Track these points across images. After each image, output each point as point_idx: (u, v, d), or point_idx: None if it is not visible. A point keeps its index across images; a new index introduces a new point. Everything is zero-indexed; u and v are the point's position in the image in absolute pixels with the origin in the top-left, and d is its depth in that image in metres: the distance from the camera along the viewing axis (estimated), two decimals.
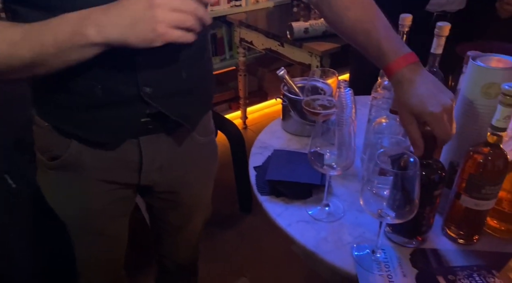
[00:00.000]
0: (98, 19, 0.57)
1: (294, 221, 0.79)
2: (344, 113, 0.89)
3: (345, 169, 0.74)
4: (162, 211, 0.99)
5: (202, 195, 1.02)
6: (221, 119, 1.92)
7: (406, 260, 0.69)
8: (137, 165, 0.81)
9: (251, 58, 2.61)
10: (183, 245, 1.09)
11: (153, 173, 0.84)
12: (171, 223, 1.02)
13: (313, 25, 1.85)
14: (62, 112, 0.72)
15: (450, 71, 0.99)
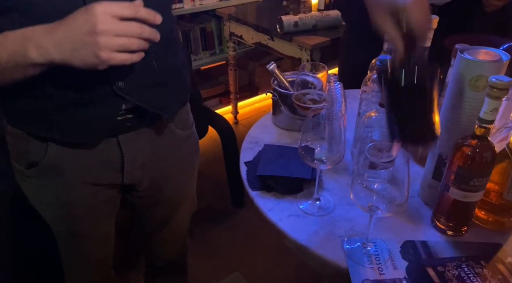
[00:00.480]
0: (41, 41, 0.57)
1: (285, 216, 0.79)
2: (334, 107, 0.89)
3: (335, 163, 0.75)
4: (147, 209, 0.98)
5: (187, 189, 1.01)
6: (212, 114, 1.91)
7: (396, 252, 0.69)
8: (118, 164, 0.80)
9: (241, 52, 2.60)
10: (170, 241, 1.09)
11: (136, 171, 0.83)
12: (156, 219, 1.01)
13: (303, 19, 1.84)
14: (34, 117, 0.70)
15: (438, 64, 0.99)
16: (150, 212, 0.99)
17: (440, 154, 0.74)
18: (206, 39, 2.44)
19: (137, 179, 0.85)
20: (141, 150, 0.81)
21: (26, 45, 0.57)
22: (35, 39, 0.57)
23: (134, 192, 0.90)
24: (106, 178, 0.82)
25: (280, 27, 1.87)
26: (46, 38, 0.57)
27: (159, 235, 1.05)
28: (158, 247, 1.09)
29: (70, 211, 0.83)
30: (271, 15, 2.19)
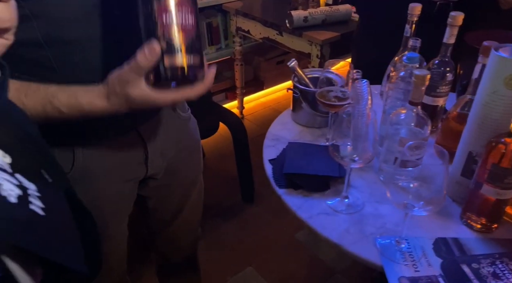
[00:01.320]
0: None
1: (315, 213, 0.79)
2: (361, 104, 0.89)
3: (366, 162, 0.75)
4: (161, 200, 0.97)
5: (197, 171, 1.01)
6: (222, 110, 1.90)
7: (429, 249, 0.70)
8: (142, 156, 0.81)
9: (247, 47, 2.58)
10: (183, 234, 1.08)
11: (158, 160, 0.84)
12: (169, 211, 1.01)
13: (313, 14, 1.84)
14: (59, 128, 0.69)
15: (456, 59, 0.99)
16: (164, 202, 0.99)
17: (470, 151, 0.75)
18: (212, 34, 2.42)
19: (158, 168, 0.86)
20: (159, 137, 0.82)
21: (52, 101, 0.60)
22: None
23: (151, 182, 0.90)
24: (132, 172, 0.82)
25: (290, 22, 1.86)
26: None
27: (172, 229, 1.05)
28: (171, 242, 1.09)
29: (100, 212, 0.82)
30: (278, 10, 2.18)
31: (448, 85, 0.95)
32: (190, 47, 0.55)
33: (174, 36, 0.54)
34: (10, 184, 0.35)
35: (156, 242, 1.10)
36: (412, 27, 1.00)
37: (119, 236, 0.92)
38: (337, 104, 0.89)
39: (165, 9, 0.53)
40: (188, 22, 0.54)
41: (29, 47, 0.61)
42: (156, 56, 0.54)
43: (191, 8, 0.55)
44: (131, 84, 0.57)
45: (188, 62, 0.55)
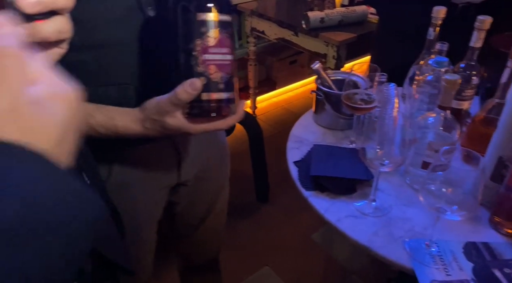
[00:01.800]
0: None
1: (343, 216, 0.80)
2: (388, 108, 0.89)
3: (396, 166, 0.75)
4: (189, 205, 0.99)
5: (224, 176, 1.02)
6: None
7: (459, 253, 0.70)
8: (175, 163, 0.82)
9: (260, 47, 2.59)
10: (209, 238, 1.10)
11: (189, 167, 0.85)
12: (197, 216, 1.02)
13: (329, 15, 1.84)
14: (100, 143, 0.71)
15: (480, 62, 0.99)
16: (192, 208, 1.00)
17: (501, 156, 0.75)
18: None
19: (189, 175, 0.87)
20: (192, 145, 0.83)
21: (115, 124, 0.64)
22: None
23: (181, 188, 0.91)
24: (165, 180, 0.84)
25: (306, 23, 1.86)
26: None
27: (198, 233, 1.06)
28: (196, 246, 1.10)
29: (134, 219, 0.84)
30: (293, 11, 2.18)
31: (473, 89, 0.95)
32: (226, 84, 0.58)
33: (214, 74, 0.57)
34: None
35: (181, 245, 1.11)
36: (436, 30, 1.00)
37: (150, 241, 0.93)
38: (364, 107, 0.89)
39: (207, 48, 0.57)
40: (226, 61, 0.58)
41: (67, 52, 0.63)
42: (197, 92, 0.57)
43: (230, 46, 0.58)
44: (169, 114, 0.60)
45: (223, 97, 0.58)
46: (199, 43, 0.56)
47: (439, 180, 0.67)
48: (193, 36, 0.56)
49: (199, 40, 0.56)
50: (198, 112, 0.59)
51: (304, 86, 2.93)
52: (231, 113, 0.61)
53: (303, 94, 2.87)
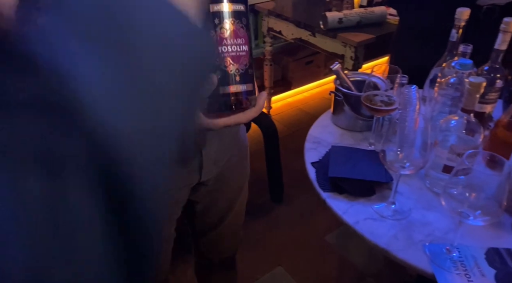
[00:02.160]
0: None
1: (361, 219, 0.80)
2: (409, 110, 0.88)
3: (418, 169, 0.75)
4: (209, 204, 0.99)
5: (244, 176, 1.02)
6: None
7: (481, 259, 0.69)
8: (197, 163, 0.83)
9: (277, 47, 2.59)
10: (227, 237, 1.10)
11: (211, 167, 0.86)
12: (217, 215, 1.02)
13: (347, 16, 1.83)
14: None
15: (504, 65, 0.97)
16: (212, 207, 1.00)
17: None
18: None
19: (210, 175, 0.87)
20: (214, 145, 0.84)
21: None
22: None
23: (202, 187, 0.92)
24: (187, 179, 0.84)
25: (324, 23, 1.85)
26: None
27: (217, 232, 1.06)
28: (214, 244, 1.11)
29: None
30: (310, 11, 2.17)
31: (497, 92, 0.93)
32: (243, 76, 0.57)
33: (229, 66, 0.56)
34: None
35: (199, 243, 1.12)
36: (459, 32, 0.99)
37: (168, 237, 0.94)
38: (384, 109, 0.89)
39: (221, 39, 0.55)
40: (242, 52, 0.56)
41: None
42: (213, 87, 0.55)
43: (245, 37, 0.57)
44: None
45: (241, 90, 0.57)
46: (213, 36, 0.55)
47: (461, 184, 0.66)
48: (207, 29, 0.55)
49: (213, 33, 0.55)
50: (217, 107, 0.57)
51: (320, 87, 2.92)
52: (251, 105, 0.59)
53: (318, 95, 2.86)
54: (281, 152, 1.87)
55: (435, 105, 0.90)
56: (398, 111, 0.87)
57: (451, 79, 0.86)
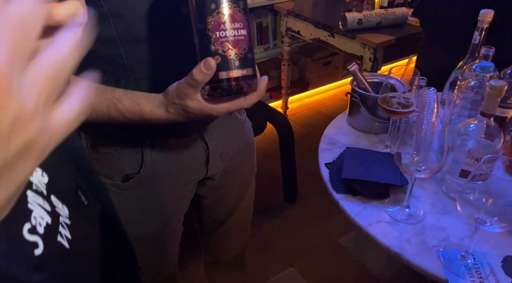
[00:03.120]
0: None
1: (374, 221, 0.79)
2: (426, 113, 0.87)
3: (433, 173, 0.73)
4: (216, 200, 1.00)
5: (251, 172, 1.03)
6: (269, 110, 1.92)
7: (497, 267, 0.67)
8: (204, 157, 0.83)
9: (295, 47, 2.58)
10: (234, 234, 1.10)
11: (217, 162, 0.86)
12: (223, 211, 1.03)
13: (367, 16, 1.80)
14: (130, 129, 0.72)
15: None
16: (219, 202, 1.01)
17: None
18: (262, 34, 2.44)
19: (217, 169, 0.88)
20: (220, 139, 0.84)
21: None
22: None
23: (209, 182, 0.92)
24: (193, 173, 0.85)
25: (343, 24, 1.84)
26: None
27: (224, 228, 1.07)
28: (222, 241, 1.11)
29: (163, 211, 0.86)
30: (329, 12, 2.16)
31: None
32: (243, 60, 0.57)
33: (228, 51, 0.56)
34: (43, 211, 0.32)
35: (207, 240, 1.12)
36: (482, 35, 0.97)
37: (176, 233, 0.95)
38: (401, 111, 0.87)
39: (219, 24, 0.55)
40: (241, 36, 0.56)
41: (104, 45, 0.65)
42: (211, 71, 0.55)
43: (243, 21, 0.56)
44: (188, 97, 0.59)
45: (241, 74, 0.57)
46: (210, 21, 0.55)
47: (479, 190, 0.65)
48: (204, 14, 0.55)
49: (210, 18, 0.55)
50: (218, 92, 0.57)
51: (338, 88, 2.89)
52: (252, 90, 0.59)
53: (336, 96, 2.83)
54: (296, 153, 1.87)
55: (454, 108, 0.88)
56: (415, 113, 0.86)
57: (471, 82, 0.84)
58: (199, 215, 1.05)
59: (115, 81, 0.68)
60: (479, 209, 0.63)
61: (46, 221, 0.32)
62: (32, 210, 0.30)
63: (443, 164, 0.71)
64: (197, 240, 1.15)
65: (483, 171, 0.61)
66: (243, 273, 1.26)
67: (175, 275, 1.08)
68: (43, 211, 0.32)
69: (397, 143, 0.75)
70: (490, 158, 0.63)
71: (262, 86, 0.61)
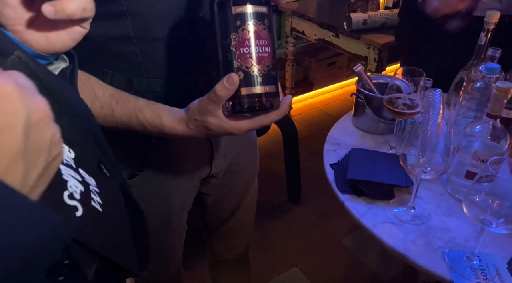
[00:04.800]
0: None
1: (380, 222, 0.79)
2: (432, 114, 0.87)
3: (439, 174, 0.73)
4: (219, 198, 1.00)
5: (253, 171, 1.03)
6: None
7: (503, 269, 0.67)
8: (208, 155, 0.84)
9: (299, 47, 2.58)
10: (238, 232, 1.11)
11: (221, 160, 0.87)
12: (226, 209, 1.03)
13: (372, 17, 1.80)
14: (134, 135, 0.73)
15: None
16: (222, 200, 1.01)
17: None
18: None
19: (220, 167, 0.88)
20: (224, 138, 0.84)
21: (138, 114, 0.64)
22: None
23: (212, 180, 0.93)
24: (197, 171, 0.86)
25: (348, 24, 1.84)
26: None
27: (228, 227, 1.08)
28: (225, 239, 1.12)
29: (168, 208, 0.86)
30: (334, 12, 2.16)
31: None
32: (266, 77, 0.56)
33: (252, 67, 0.55)
34: (75, 180, 0.36)
35: (211, 239, 1.13)
36: (488, 36, 0.96)
37: (180, 230, 0.96)
38: (406, 112, 0.87)
39: (243, 41, 0.55)
40: (265, 53, 0.56)
41: (121, 42, 0.65)
42: (234, 87, 0.55)
43: (268, 38, 0.56)
44: (210, 113, 0.58)
45: (264, 91, 0.56)
46: (235, 37, 0.55)
47: (484, 191, 0.65)
48: (229, 30, 0.55)
49: (235, 34, 0.55)
50: (239, 109, 0.57)
51: (342, 88, 2.89)
52: (274, 107, 0.58)
53: (340, 97, 2.83)
54: (300, 153, 1.87)
55: (459, 109, 0.88)
56: (421, 114, 0.86)
57: (477, 84, 0.84)
58: (203, 213, 1.06)
59: (128, 79, 0.68)
60: (485, 210, 0.63)
61: (80, 189, 0.36)
62: (67, 180, 0.35)
63: (448, 165, 0.72)
64: (201, 240, 1.16)
65: (489, 172, 0.61)
66: (247, 272, 1.27)
67: (179, 273, 1.09)
68: (76, 181, 0.36)
69: (403, 144, 0.75)
70: (496, 159, 0.63)
71: (286, 105, 0.60)
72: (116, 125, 0.65)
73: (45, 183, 0.28)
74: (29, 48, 0.39)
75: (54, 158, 0.28)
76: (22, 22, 0.38)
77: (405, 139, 0.76)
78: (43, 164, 0.27)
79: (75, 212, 0.33)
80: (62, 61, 0.44)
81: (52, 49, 0.41)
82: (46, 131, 0.27)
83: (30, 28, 0.39)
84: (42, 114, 0.26)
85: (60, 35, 0.40)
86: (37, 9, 0.38)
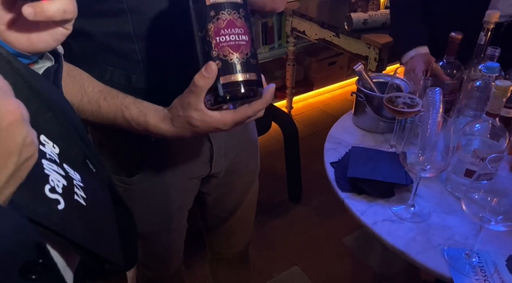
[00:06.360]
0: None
1: (380, 220, 0.79)
2: (432, 113, 0.87)
3: (438, 172, 0.74)
4: (219, 197, 1.00)
5: (254, 170, 1.03)
6: (274, 109, 1.93)
7: (502, 266, 0.68)
8: (208, 155, 0.84)
9: (300, 47, 2.59)
10: (238, 231, 1.11)
11: (221, 160, 0.87)
12: (227, 208, 1.04)
13: (373, 17, 1.81)
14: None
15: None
16: (222, 200, 1.02)
17: None
18: (267, 33, 2.45)
19: (220, 167, 0.89)
20: (224, 138, 0.85)
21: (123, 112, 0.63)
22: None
23: (213, 180, 0.93)
24: (197, 170, 0.86)
25: (349, 24, 1.84)
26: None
27: (228, 226, 1.08)
28: (225, 238, 1.12)
29: (167, 207, 0.87)
30: (335, 12, 2.16)
31: None
32: (245, 65, 0.55)
33: (229, 55, 0.55)
34: (58, 175, 0.36)
35: (211, 237, 1.13)
36: (487, 35, 0.97)
37: (180, 229, 0.96)
38: (406, 111, 0.88)
39: (219, 30, 0.55)
40: (242, 41, 0.55)
41: (120, 40, 0.66)
42: (213, 76, 0.54)
43: (245, 27, 0.56)
44: (192, 106, 0.57)
45: (244, 79, 0.55)
46: (211, 27, 0.54)
47: (484, 189, 0.66)
48: (205, 22, 0.55)
49: (210, 25, 0.54)
50: (221, 99, 0.55)
51: (342, 88, 2.90)
52: (258, 96, 0.57)
53: (340, 96, 2.84)
54: (301, 152, 1.87)
55: (459, 108, 0.88)
56: (421, 113, 0.86)
57: (476, 82, 0.84)
58: (203, 212, 1.06)
59: (126, 76, 0.69)
60: (484, 208, 0.63)
61: (62, 183, 0.36)
62: (49, 174, 0.35)
63: (448, 163, 0.72)
64: (201, 238, 1.16)
65: (488, 170, 0.62)
66: (247, 270, 1.27)
67: (180, 271, 1.10)
68: (58, 175, 0.36)
69: (403, 143, 0.76)
70: (495, 157, 0.64)
71: (269, 94, 0.58)
72: (102, 121, 0.64)
73: (15, 185, 0.28)
74: (11, 48, 0.39)
75: (26, 160, 0.28)
76: (3, 22, 0.38)
77: (405, 138, 0.77)
78: (13, 166, 0.27)
79: (57, 205, 0.34)
80: (47, 60, 0.44)
81: (35, 49, 0.40)
82: (17, 134, 0.27)
83: (11, 28, 0.38)
84: (14, 118, 0.26)
85: (42, 36, 0.40)
86: (18, 10, 0.37)
